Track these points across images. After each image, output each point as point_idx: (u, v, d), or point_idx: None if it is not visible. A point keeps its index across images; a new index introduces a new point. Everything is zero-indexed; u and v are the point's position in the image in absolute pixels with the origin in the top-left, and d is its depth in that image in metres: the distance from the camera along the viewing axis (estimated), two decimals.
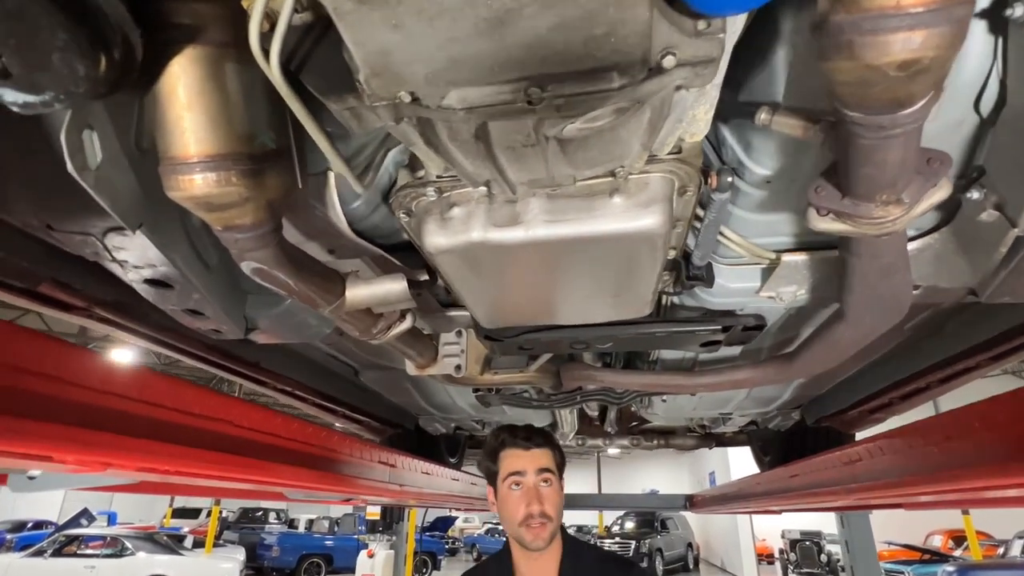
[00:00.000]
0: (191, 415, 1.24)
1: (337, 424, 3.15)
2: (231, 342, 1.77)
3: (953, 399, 2.48)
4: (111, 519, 20.82)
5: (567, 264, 1.01)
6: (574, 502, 6.33)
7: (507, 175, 0.79)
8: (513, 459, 1.48)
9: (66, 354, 0.97)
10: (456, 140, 0.70)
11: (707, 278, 1.23)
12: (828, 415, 2.88)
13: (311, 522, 17.55)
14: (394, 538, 5.96)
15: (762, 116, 0.82)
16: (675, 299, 1.56)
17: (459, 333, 1.74)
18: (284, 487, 2.04)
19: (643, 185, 0.90)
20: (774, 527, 14.26)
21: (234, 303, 1.46)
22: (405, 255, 1.31)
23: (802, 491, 2.27)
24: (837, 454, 1.91)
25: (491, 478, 1.53)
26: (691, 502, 5.33)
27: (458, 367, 1.70)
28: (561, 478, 1.53)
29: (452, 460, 4.10)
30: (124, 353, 7.38)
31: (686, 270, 1.22)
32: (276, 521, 19.79)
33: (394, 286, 1.14)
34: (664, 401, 2.42)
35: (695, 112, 0.80)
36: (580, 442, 4.47)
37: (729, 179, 0.93)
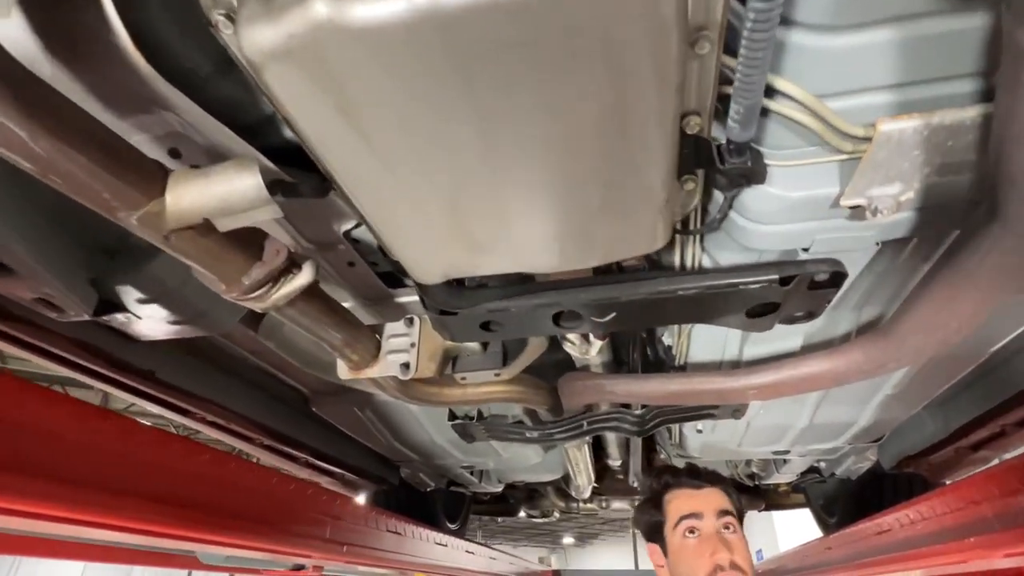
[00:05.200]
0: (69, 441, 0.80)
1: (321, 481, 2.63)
2: (109, 338, 1.34)
3: None
4: None
5: (497, 86, 0.56)
6: None
7: None
8: (683, 500, 1.27)
9: None
10: None
11: (754, 169, 0.77)
12: (913, 455, 2.26)
13: None
14: None
15: None
16: (702, 256, 1.09)
17: (410, 321, 1.28)
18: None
19: None
20: None
21: (71, 260, 1.04)
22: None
23: (899, 552, 1.65)
24: (964, 489, 1.32)
25: (655, 532, 1.29)
26: None
27: (406, 365, 1.23)
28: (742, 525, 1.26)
29: (452, 526, 3.48)
30: None
31: (719, 158, 0.75)
32: None
33: (240, 179, 0.70)
34: (700, 432, 1.87)
35: None
36: (603, 504, 3.82)
37: None
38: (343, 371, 1.27)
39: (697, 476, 1.32)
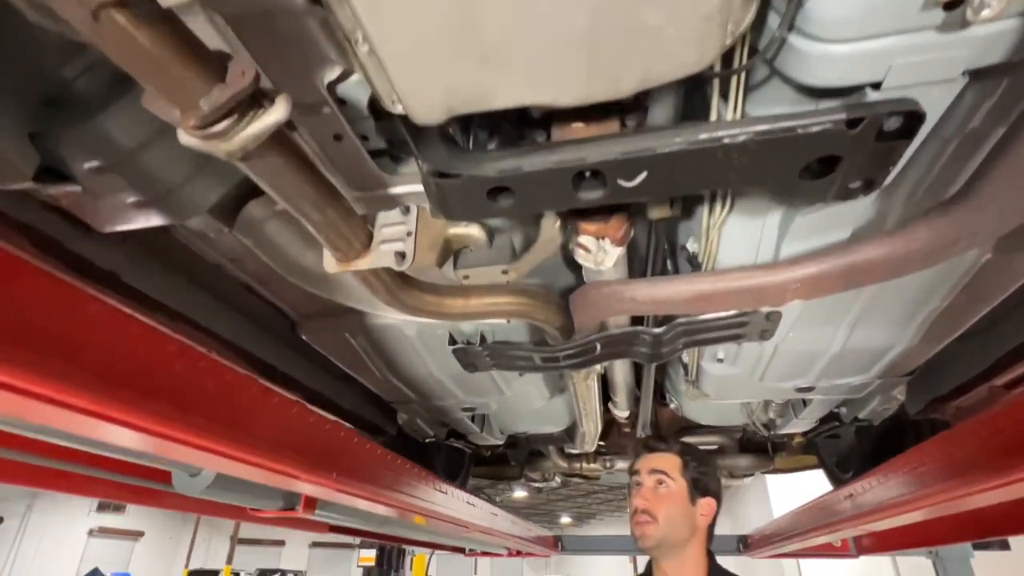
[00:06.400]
0: None
1: None
2: (62, 227, 1.18)
3: None
4: None
5: None
6: (604, 545, 5.45)
7: None
8: (637, 462, 1.65)
9: None
10: None
11: None
12: (943, 396, 2.13)
13: None
14: None
15: None
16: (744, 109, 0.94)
17: (406, 209, 1.13)
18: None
19: None
20: None
21: (3, 103, 0.88)
22: None
23: (946, 481, 1.51)
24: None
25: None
26: (745, 544, 4.42)
27: (401, 254, 1.08)
28: (695, 489, 1.55)
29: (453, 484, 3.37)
30: None
31: None
32: None
33: None
34: (720, 361, 1.73)
35: None
36: (607, 464, 3.71)
37: None
38: (330, 264, 1.11)
39: (656, 441, 1.67)
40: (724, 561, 1.59)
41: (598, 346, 1.52)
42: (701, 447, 3.68)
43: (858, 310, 1.42)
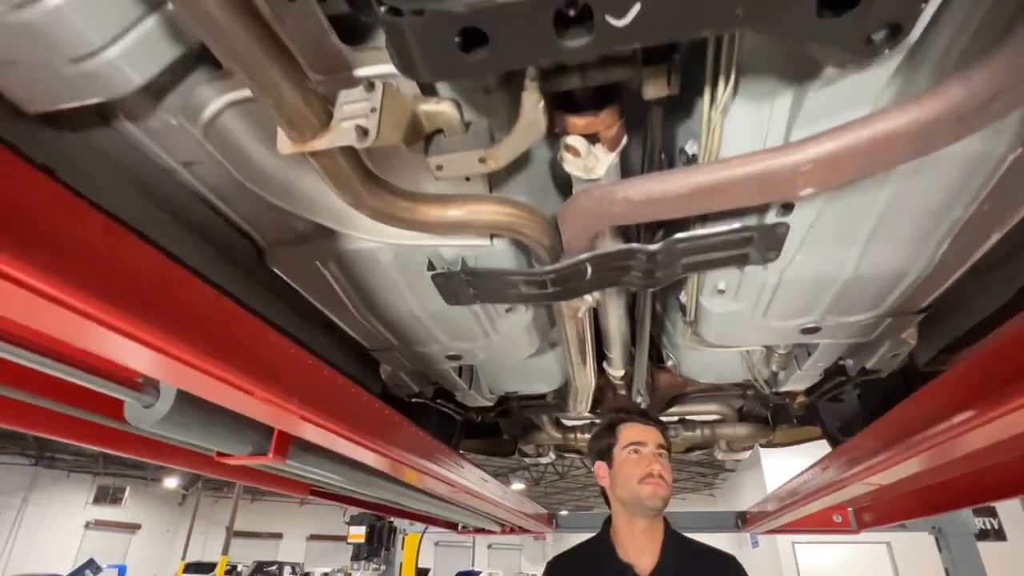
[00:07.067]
0: None
1: None
2: None
3: None
4: (121, 572, 20.54)
5: None
6: (598, 523, 5.33)
7: None
8: (633, 431, 1.84)
9: None
10: None
11: None
12: (956, 342, 2.02)
13: None
14: (383, 568, 4.99)
15: None
16: None
17: (370, 86, 1.01)
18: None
19: None
20: None
21: None
22: None
23: (944, 431, 1.40)
24: None
25: (605, 451, 1.87)
26: (743, 519, 4.32)
27: (363, 130, 0.96)
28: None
29: None
30: None
31: None
32: (291, 575, 18.98)
33: None
34: (722, 292, 1.60)
35: None
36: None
37: None
38: (284, 144, 0.99)
39: (646, 416, 1.89)
40: (718, 538, 1.64)
41: (588, 268, 1.40)
42: (701, 417, 3.58)
43: (872, 224, 1.31)
